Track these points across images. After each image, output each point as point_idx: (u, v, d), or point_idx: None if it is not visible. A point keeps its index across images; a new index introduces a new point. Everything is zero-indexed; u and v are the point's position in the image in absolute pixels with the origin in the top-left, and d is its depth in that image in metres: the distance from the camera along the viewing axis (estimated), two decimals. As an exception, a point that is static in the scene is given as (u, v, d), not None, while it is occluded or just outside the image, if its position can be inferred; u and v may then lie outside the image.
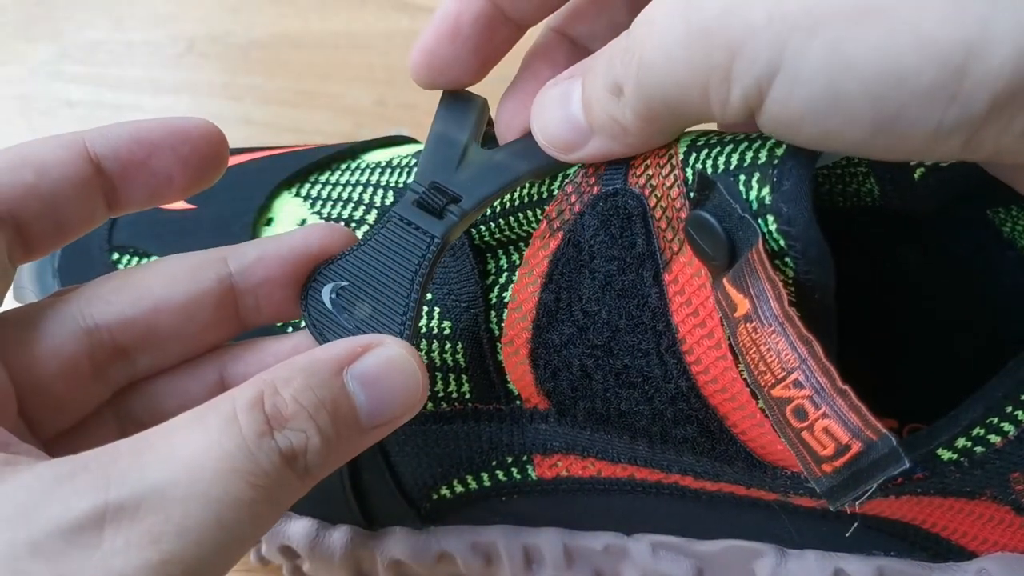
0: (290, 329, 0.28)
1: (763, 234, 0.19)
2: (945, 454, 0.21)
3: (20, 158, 0.22)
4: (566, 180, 0.24)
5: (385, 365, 0.21)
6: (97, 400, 0.23)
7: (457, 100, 0.26)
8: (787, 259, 0.19)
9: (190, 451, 0.18)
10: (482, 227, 0.26)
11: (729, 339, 0.20)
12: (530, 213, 0.25)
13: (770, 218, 0.19)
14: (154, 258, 0.30)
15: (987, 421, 0.21)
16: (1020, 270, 0.26)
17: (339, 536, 0.29)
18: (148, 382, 0.24)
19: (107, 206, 0.23)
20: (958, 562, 0.25)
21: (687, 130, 0.22)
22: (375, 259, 0.24)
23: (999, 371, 0.21)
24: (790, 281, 0.19)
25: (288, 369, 0.20)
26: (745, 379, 0.21)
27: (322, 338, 0.23)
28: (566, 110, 0.22)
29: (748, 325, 0.18)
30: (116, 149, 0.23)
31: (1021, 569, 0.25)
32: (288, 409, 0.19)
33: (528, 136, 0.24)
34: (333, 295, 0.24)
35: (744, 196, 0.19)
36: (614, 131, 0.21)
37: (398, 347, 0.21)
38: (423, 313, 0.26)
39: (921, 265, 0.28)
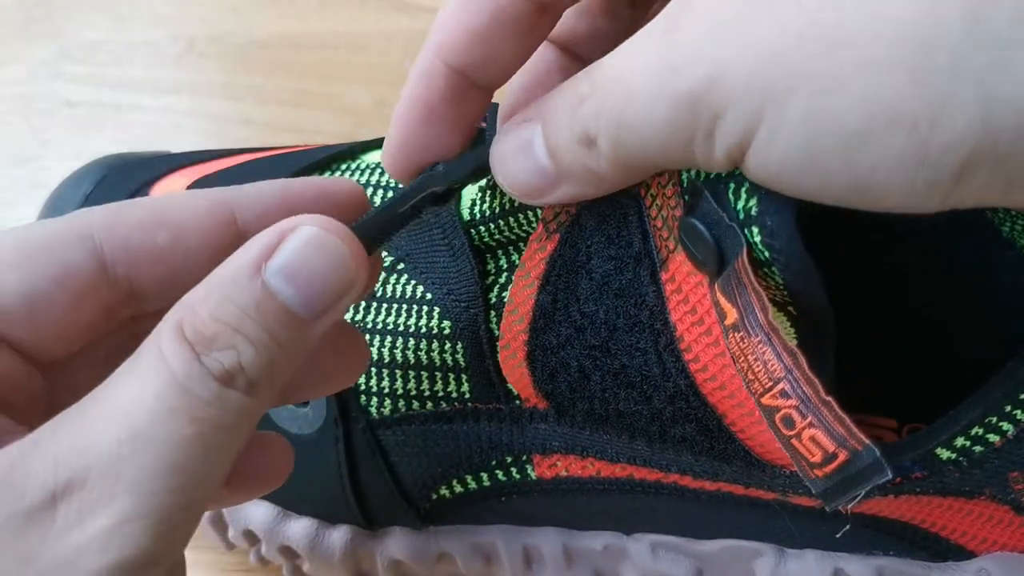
0: None
1: (749, 244, 0.19)
2: (944, 453, 0.22)
3: (157, 216, 0.21)
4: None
5: (304, 248, 0.19)
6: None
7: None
8: (774, 268, 0.19)
9: (125, 403, 0.18)
10: (481, 228, 0.26)
11: (726, 339, 0.20)
12: (530, 213, 0.25)
13: (755, 229, 0.19)
14: None
15: (986, 420, 0.21)
16: (1019, 270, 0.26)
17: (339, 536, 0.29)
18: None
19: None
20: (957, 561, 0.25)
21: None
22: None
23: (998, 371, 0.21)
24: (781, 285, 0.19)
25: (205, 286, 0.19)
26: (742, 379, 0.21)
27: None
28: (530, 159, 0.21)
29: (736, 334, 0.19)
30: (264, 216, 0.22)
31: (1020, 568, 0.25)
32: (208, 329, 0.18)
33: None
34: None
35: (732, 205, 0.19)
36: (588, 179, 0.20)
37: (315, 225, 0.20)
38: (423, 313, 0.26)
39: (920, 265, 0.28)
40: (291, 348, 0.19)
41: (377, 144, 0.33)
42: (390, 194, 0.29)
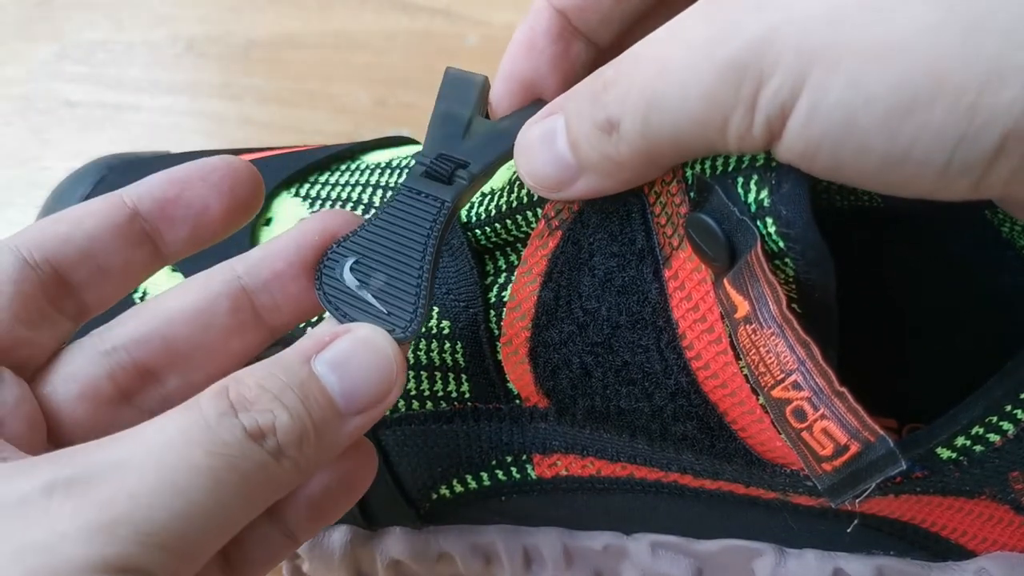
0: None
1: (762, 236, 0.19)
2: (944, 453, 0.22)
3: (57, 216, 0.23)
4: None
5: (353, 346, 0.21)
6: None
7: (458, 80, 0.26)
8: (787, 259, 0.19)
9: (147, 431, 0.18)
10: (478, 231, 0.26)
11: (730, 335, 0.20)
12: (529, 214, 0.25)
13: (769, 220, 0.19)
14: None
15: (986, 420, 0.21)
16: (1019, 270, 0.26)
17: (339, 536, 0.29)
18: None
19: (155, 251, 0.24)
20: (957, 561, 0.25)
21: None
22: (386, 231, 0.23)
23: (998, 370, 0.21)
24: (791, 280, 0.19)
25: (258, 366, 0.20)
26: (746, 375, 0.21)
27: (338, 312, 0.23)
28: (552, 149, 0.21)
29: (748, 327, 0.18)
30: (150, 191, 0.23)
31: (1021, 568, 0.25)
32: (252, 393, 0.19)
33: (531, 105, 0.25)
34: (347, 270, 0.23)
35: (743, 198, 0.19)
36: (607, 168, 0.21)
37: (367, 330, 0.21)
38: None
39: (920, 265, 0.28)
40: (324, 432, 0.20)
41: (377, 144, 0.33)
42: (389, 194, 0.29)
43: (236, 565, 0.23)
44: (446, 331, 0.26)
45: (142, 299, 0.30)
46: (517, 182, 0.25)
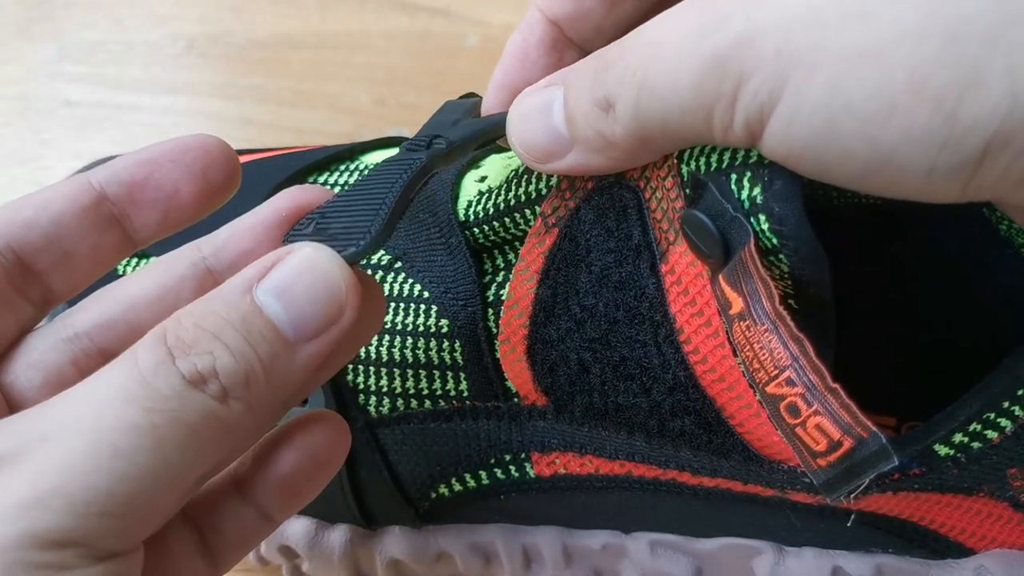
0: None
1: (756, 233, 0.19)
2: (942, 450, 0.22)
3: (22, 201, 0.22)
4: (560, 177, 0.24)
5: (297, 268, 0.19)
6: None
7: (453, 104, 0.26)
8: (781, 256, 0.19)
9: (81, 392, 0.18)
10: (476, 229, 0.26)
11: (727, 330, 0.20)
12: (527, 211, 0.25)
13: (762, 217, 0.19)
14: (152, 258, 0.30)
15: (984, 417, 0.21)
16: (1017, 268, 0.26)
17: (338, 536, 0.29)
18: None
19: (125, 236, 0.23)
20: (956, 559, 0.25)
21: None
22: (357, 191, 0.23)
23: (996, 368, 0.21)
24: (785, 276, 0.19)
25: (197, 302, 0.19)
26: (743, 370, 0.21)
27: None
28: (546, 120, 0.21)
29: (742, 323, 0.19)
30: (117, 173, 0.23)
31: (1020, 566, 0.25)
32: (189, 335, 0.18)
33: None
34: (312, 228, 0.22)
35: (736, 195, 0.19)
36: (599, 145, 0.20)
37: (310, 248, 0.20)
38: (421, 312, 0.26)
39: (917, 263, 0.28)
40: (273, 366, 0.19)
41: (377, 144, 0.33)
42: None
43: (213, 547, 0.22)
44: (444, 330, 0.26)
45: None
46: (514, 180, 0.25)
